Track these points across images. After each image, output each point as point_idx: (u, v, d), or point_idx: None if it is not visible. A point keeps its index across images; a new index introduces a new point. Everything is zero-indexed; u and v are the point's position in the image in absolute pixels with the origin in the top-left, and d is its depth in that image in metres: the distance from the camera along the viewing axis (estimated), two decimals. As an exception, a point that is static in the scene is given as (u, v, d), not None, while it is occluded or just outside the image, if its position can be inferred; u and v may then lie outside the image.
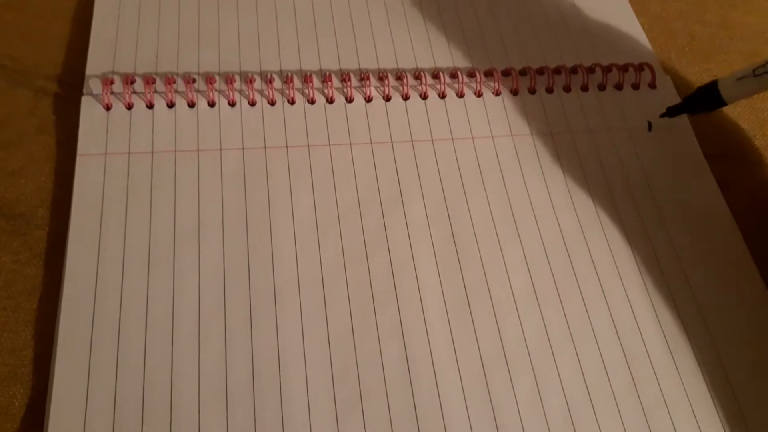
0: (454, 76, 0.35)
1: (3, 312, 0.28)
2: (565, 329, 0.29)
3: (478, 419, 0.27)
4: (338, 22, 0.37)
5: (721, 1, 0.43)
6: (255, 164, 0.32)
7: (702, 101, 0.32)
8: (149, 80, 0.33)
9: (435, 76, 0.35)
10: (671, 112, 0.34)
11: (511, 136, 0.34)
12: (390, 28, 0.37)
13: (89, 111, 0.32)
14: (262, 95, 0.34)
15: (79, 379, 0.26)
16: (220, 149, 0.32)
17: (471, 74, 0.35)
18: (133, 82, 0.33)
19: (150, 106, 0.33)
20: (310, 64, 0.35)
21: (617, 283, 0.30)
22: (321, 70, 0.35)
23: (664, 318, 0.30)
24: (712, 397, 0.28)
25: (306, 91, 0.34)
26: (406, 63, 0.36)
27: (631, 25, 0.40)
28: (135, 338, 0.27)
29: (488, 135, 0.34)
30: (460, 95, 0.35)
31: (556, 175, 0.33)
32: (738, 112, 0.38)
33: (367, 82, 0.34)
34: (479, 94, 0.35)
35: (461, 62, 0.37)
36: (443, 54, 0.37)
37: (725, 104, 0.32)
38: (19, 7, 0.37)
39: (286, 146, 0.33)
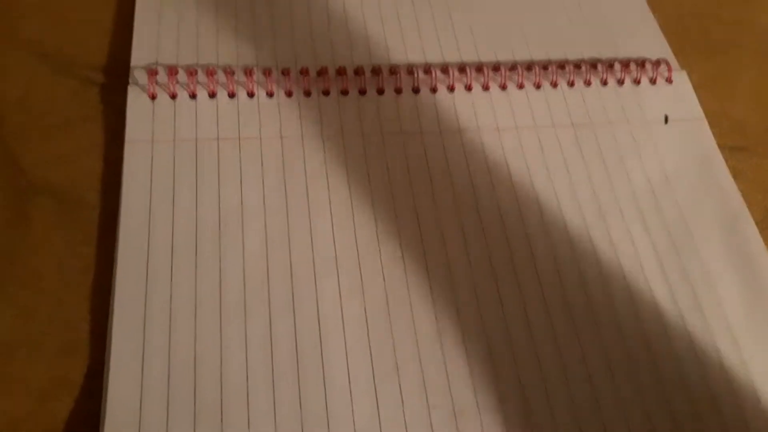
0: (479, 69, 0.37)
1: (59, 288, 0.30)
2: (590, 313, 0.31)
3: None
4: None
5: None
6: (293, 152, 0.33)
7: None
8: (192, 72, 0.35)
9: (461, 70, 0.37)
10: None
11: (535, 127, 0.36)
12: (417, 24, 0.39)
13: (135, 100, 0.34)
14: (298, 86, 0.35)
15: (135, 352, 0.28)
16: (260, 137, 0.34)
17: (496, 69, 0.37)
18: (176, 73, 0.35)
19: (193, 96, 0.34)
20: (342, 60, 0.37)
21: (638, 272, 0.32)
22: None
23: (682, 305, 0.31)
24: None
25: (338, 83, 0.36)
26: (434, 57, 0.38)
27: (647, 22, 0.41)
28: (185, 314, 0.29)
29: (513, 126, 0.36)
30: (485, 88, 0.37)
31: (578, 166, 0.35)
32: (752, 107, 0.39)
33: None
34: (504, 87, 0.37)
35: (486, 57, 0.38)
36: (469, 49, 0.38)
37: None
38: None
39: (322, 136, 0.34)
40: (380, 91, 0.36)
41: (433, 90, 0.36)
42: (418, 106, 0.36)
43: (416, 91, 0.36)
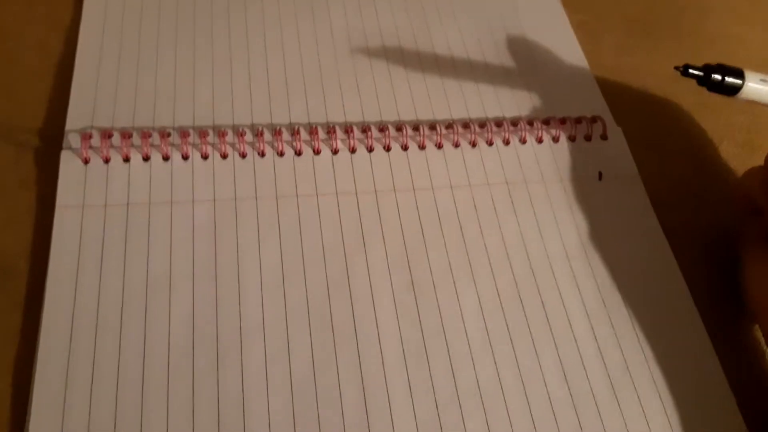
0: (416, 128, 0.37)
1: (-18, 360, 0.30)
2: (516, 373, 0.31)
3: (432, 460, 0.28)
4: (308, 78, 0.39)
5: (673, 55, 0.45)
6: (225, 216, 0.34)
7: (720, 76, 0.32)
8: (126, 135, 0.35)
9: (398, 129, 0.37)
10: (686, 68, 0.32)
11: (469, 186, 0.36)
12: (357, 83, 0.39)
13: (68, 165, 0.34)
14: (233, 148, 0.36)
15: (54, 425, 0.27)
16: (193, 201, 0.34)
17: (432, 127, 0.37)
18: (110, 136, 0.35)
19: (126, 160, 0.34)
20: (280, 119, 0.37)
21: (566, 329, 0.32)
22: (291, 124, 0.37)
23: (610, 363, 0.32)
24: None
25: (276, 143, 0.36)
26: (372, 117, 0.38)
27: (586, 80, 0.42)
28: (107, 384, 0.29)
29: (447, 185, 0.36)
30: (422, 147, 0.37)
31: (511, 223, 0.35)
32: (683, 162, 0.40)
33: (334, 134, 0.36)
34: (439, 146, 0.37)
35: (424, 115, 0.39)
36: (407, 108, 0.39)
37: (736, 92, 0.32)
38: (3, 65, 0.39)
39: (256, 197, 0.34)
40: (317, 152, 0.36)
41: (370, 149, 0.37)
42: (354, 165, 0.36)
43: (352, 151, 0.36)
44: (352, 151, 0.36)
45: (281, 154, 0.36)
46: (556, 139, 0.38)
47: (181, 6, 0.42)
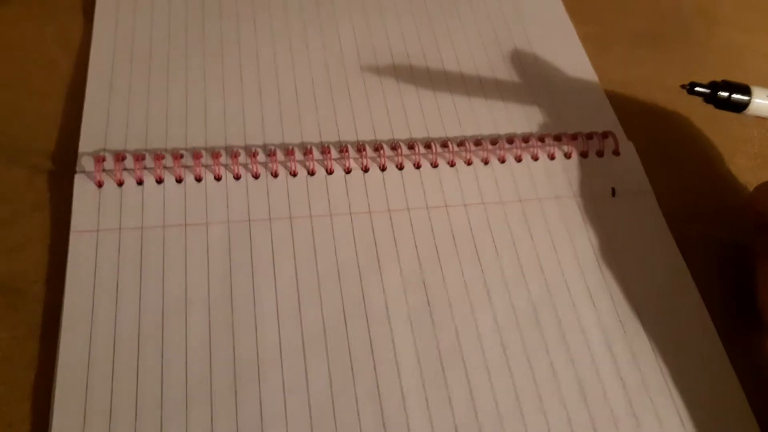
0: (428, 146, 0.37)
1: (1, 386, 0.29)
2: (534, 392, 0.31)
3: (452, 483, 0.28)
4: (319, 97, 0.39)
5: (682, 67, 0.45)
6: (239, 237, 0.34)
7: (727, 93, 0.32)
8: (139, 157, 0.35)
9: (410, 147, 0.37)
10: (692, 86, 0.32)
11: (483, 204, 0.36)
12: (368, 101, 0.40)
13: (82, 188, 0.34)
14: (246, 169, 0.36)
15: (73, 451, 0.27)
16: (206, 223, 0.34)
17: (444, 145, 0.37)
18: (123, 158, 0.35)
19: (140, 183, 0.34)
20: (292, 138, 0.37)
21: (583, 347, 0.32)
22: (303, 144, 0.37)
23: (628, 380, 0.32)
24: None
25: (288, 164, 0.36)
26: (383, 135, 0.38)
27: (595, 94, 0.42)
28: (126, 408, 0.29)
29: (461, 203, 0.36)
30: (434, 165, 0.37)
31: (525, 240, 0.35)
32: (696, 176, 0.40)
33: (346, 154, 0.36)
34: (452, 164, 0.37)
35: (435, 133, 0.39)
36: (418, 125, 0.39)
37: (743, 108, 0.32)
38: (14, 86, 0.39)
39: (269, 218, 0.34)
40: (330, 171, 0.36)
41: (383, 168, 0.37)
42: (367, 184, 0.36)
43: (365, 170, 0.36)
44: (365, 170, 0.36)
45: (294, 174, 0.36)
46: (568, 156, 0.38)
47: (190, 27, 0.42)
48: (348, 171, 0.36)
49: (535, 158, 0.38)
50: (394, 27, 0.44)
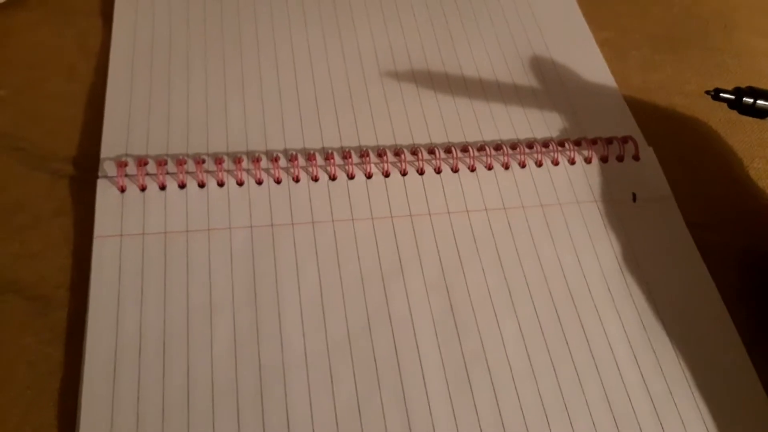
0: (448, 151, 0.37)
1: (28, 391, 0.30)
2: (559, 398, 0.31)
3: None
4: (339, 101, 0.39)
5: (700, 72, 0.45)
6: (262, 242, 0.34)
7: (752, 99, 0.32)
8: (161, 162, 0.35)
9: (431, 152, 0.37)
10: (717, 92, 0.33)
11: (504, 209, 0.36)
12: (387, 106, 0.40)
13: (105, 193, 0.34)
14: (268, 174, 0.36)
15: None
16: (230, 228, 0.34)
17: (464, 150, 0.37)
18: (145, 164, 0.35)
19: (162, 188, 0.35)
20: (313, 143, 0.37)
21: (608, 353, 0.32)
22: (324, 149, 0.37)
23: (653, 388, 0.32)
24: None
25: (310, 169, 0.36)
26: (403, 140, 0.38)
27: (614, 99, 0.42)
28: (152, 415, 0.29)
29: (482, 208, 0.36)
30: (455, 170, 0.37)
31: (547, 245, 0.35)
32: (716, 181, 0.40)
33: (367, 158, 0.36)
34: (473, 169, 0.37)
35: (455, 138, 0.39)
36: (438, 130, 0.39)
37: (767, 115, 0.32)
38: (35, 92, 0.39)
39: (292, 223, 0.34)
40: (351, 176, 0.36)
41: (404, 173, 0.37)
42: (388, 189, 0.36)
43: (386, 175, 0.36)
44: (386, 175, 0.36)
45: (316, 179, 0.36)
46: (588, 161, 0.38)
47: (209, 32, 0.42)
48: (369, 176, 0.36)
49: (555, 163, 0.38)
50: (413, 33, 0.44)
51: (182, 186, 0.35)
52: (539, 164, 0.38)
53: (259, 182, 0.35)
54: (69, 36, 0.42)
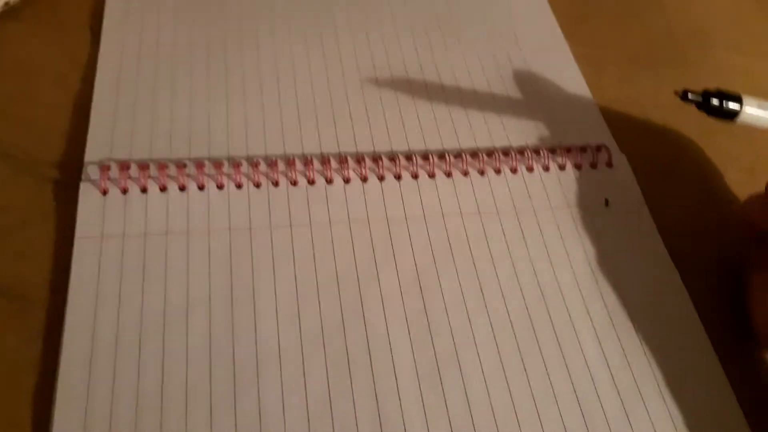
0: (426, 158, 0.38)
1: (5, 389, 0.30)
2: (529, 398, 0.31)
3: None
4: (320, 109, 0.40)
5: (674, 86, 0.46)
6: (241, 244, 0.34)
7: (719, 101, 0.33)
8: (143, 166, 0.36)
9: (408, 158, 0.38)
10: (685, 93, 0.34)
11: (479, 213, 0.37)
12: (367, 114, 0.41)
13: (87, 196, 0.35)
14: (248, 178, 0.36)
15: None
16: (209, 231, 0.35)
17: (441, 156, 0.38)
18: (128, 167, 0.36)
19: (144, 191, 0.35)
20: (293, 149, 0.38)
21: (578, 354, 0.33)
22: (303, 154, 0.38)
23: (623, 388, 0.32)
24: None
25: (289, 173, 0.37)
26: (382, 146, 0.39)
27: (589, 109, 0.43)
28: (126, 411, 0.29)
29: (458, 213, 0.37)
30: (431, 176, 0.38)
31: (520, 249, 0.36)
32: (689, 189, 0.40)
33: (345, 164, 0.37)
34: (449, 175, 0.38)
35: (432, 145, 0.40)
36: (416, 137, 0.40)
37: (734, 117, 0.33)
38: (24, 100, 0.40)
39: (270, 226, 0.35)
40: (329, 181, 0.37)
41: (381, 178, 0.37)
42: (366, 193, 0.37)
43: (364, 180, 0.37)
44: (364, 180, 0.37)
45: (294, 183, 0.37)
46: (562, 167, 0.39)
47: (194, 42, 0.43)
48: (347, 181, 0.37)
49: (530, 169, 0.39)
50: (394, 43, 0.45)
51: (163, 189, 0.35)
52: (514, 171, 0.39)
53: (239, 186, 0.36)
54: (59, 47, 0.43)
